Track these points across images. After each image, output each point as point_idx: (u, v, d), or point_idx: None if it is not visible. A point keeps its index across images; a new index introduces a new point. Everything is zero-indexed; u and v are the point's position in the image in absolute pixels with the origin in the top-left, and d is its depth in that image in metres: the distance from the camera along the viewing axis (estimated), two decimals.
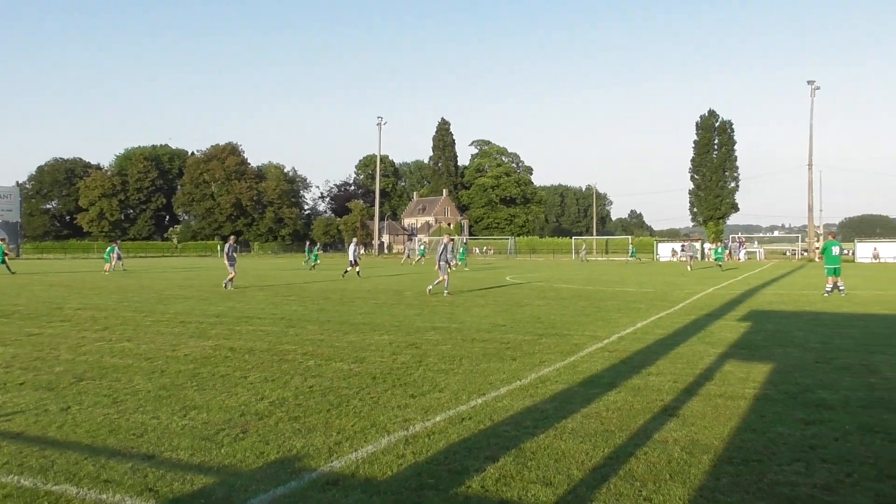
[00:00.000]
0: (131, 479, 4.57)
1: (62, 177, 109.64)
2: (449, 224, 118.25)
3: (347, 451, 5.13)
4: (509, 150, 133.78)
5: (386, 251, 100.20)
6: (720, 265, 40.74)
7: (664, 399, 6.67)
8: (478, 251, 76.29)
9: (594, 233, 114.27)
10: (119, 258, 39.51)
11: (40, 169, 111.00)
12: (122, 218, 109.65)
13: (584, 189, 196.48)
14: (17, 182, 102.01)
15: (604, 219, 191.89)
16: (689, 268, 40.29)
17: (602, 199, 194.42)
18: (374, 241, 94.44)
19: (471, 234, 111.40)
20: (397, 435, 5.52)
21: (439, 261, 19.91)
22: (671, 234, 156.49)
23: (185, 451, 5.18)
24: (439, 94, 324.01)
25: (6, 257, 36.36)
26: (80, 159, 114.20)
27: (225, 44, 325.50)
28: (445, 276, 19.84)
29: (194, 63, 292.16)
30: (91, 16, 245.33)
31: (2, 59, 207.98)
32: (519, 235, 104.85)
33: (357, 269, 30.80)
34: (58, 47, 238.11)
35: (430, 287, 20.38)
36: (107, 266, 36.57)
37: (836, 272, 19.67)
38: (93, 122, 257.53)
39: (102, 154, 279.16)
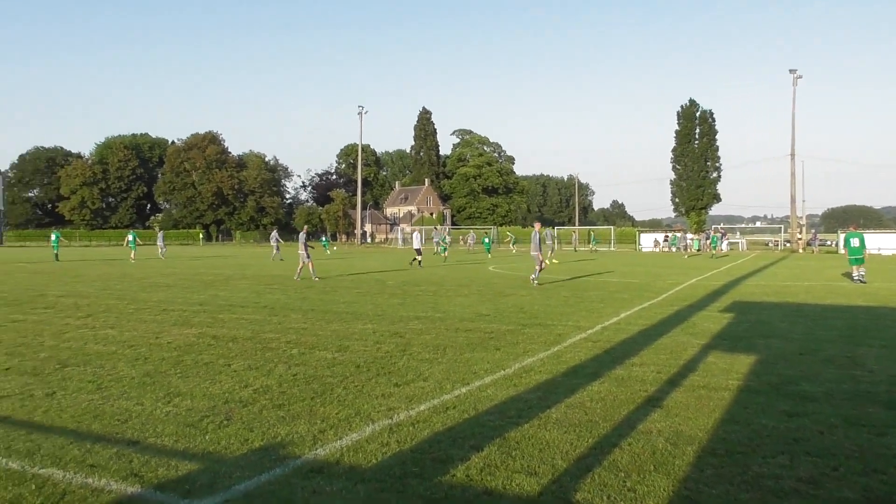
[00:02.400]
0: (116, 464, 4.55)
1: (43, 165, 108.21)
2: (431, 214, 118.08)
3: (332, 438, 5.12)
4: (491, 140, 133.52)
5: (369, 240, 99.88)
6: (713, 253, 46.03)
7: (648, 390, 6.71)
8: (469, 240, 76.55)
9: (576, 223, 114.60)
10: (163, 246, 40.90)
11: (22, 157, 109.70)
12: (104, 206, 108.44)
13: (566, 179, 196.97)
14: (0, 170, 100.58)
15: (586, 209, 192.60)
16: (685, 257, 45.58)
17: (584, 189, 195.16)
18: (356, 231, 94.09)
19: (453, 223, 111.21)
20: (381, 423, 5.52)
21: (532, 251, 19.81)
22: (653, 225, 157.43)
23: (170, 437, 5.15)
24: (421, 83, 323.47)
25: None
26: (61, 148, 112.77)
27: (206, 33, 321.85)
28: (545, 264, 19.84)
29: (174, 52, 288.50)
30: (72, 6, 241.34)
31: None
32: (501, 225, 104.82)
33: (419, 257, 30.81)
34: (38, 37, 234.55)
35: (534, 277, 19.88)
36: (132, 254, 36.75)
37: (858, 262, 21.10)
38: (73, 111, 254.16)
39: (83, 143, 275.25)
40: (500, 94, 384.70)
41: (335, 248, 55.78)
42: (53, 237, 39.65)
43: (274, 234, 40.93)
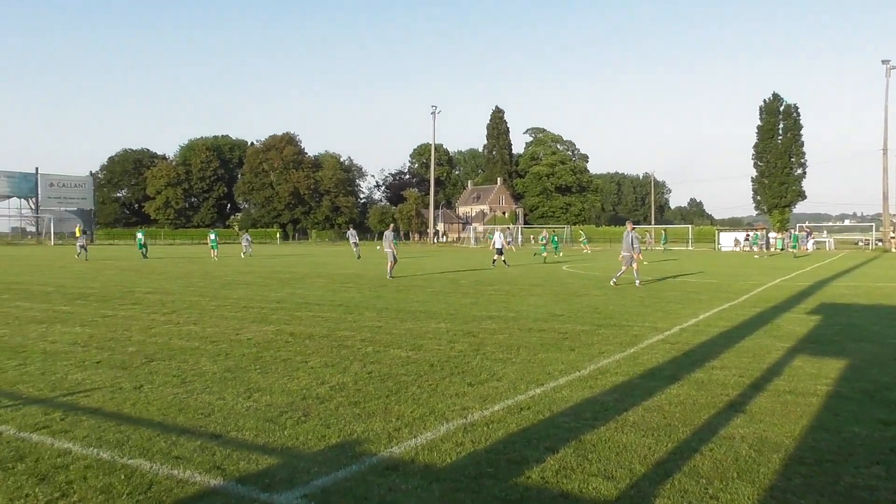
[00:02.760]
0: (200, 457, 4.71)
1: (131, 167, 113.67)
2: (504, 213, 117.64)
3: (407, 437, 5.16)
4: (564, 138, 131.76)
5: (442, 239, 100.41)
6: (794, 252, 44.31)
7: (729, 394, 6.48)
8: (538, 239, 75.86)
9: (652, 221, 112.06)
10: (248, 244, 43.08)
11: (111, 159, 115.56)
12: (187, 206, 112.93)
13: (641, 177, 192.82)
14: (91, 172, 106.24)
15: (662, 207, 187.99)
16: (756, 256, 43.48)
17: (660, 188, 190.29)
18: (429, 230, 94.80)
19: (525, 222, 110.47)
20: (456, 423, 5.52)
21: (623, 251, 19.38)
22: (733, 224, 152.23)
23: (250, 431, 5.30)
24: (494, 82, 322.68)
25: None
26: (148, 150, 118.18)
27: (284, 39, 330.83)
28: (634, 266, 19.22)
29: (254, 56, 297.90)
30: (155, 16, 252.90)
31: (75, 59, 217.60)
32: (575, 224, 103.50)
33: (503, 257, 30.28)
34: (126, 45, 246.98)
35: (615, 279, 19.56)
36: (213, 253, 39.13)
37: None
38: (159, 114, 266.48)
39: (168, 145, 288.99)
40: (573, 92, 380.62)
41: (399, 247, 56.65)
42: (140, 236, 41.56)
43: (352, 233, 41.68)
